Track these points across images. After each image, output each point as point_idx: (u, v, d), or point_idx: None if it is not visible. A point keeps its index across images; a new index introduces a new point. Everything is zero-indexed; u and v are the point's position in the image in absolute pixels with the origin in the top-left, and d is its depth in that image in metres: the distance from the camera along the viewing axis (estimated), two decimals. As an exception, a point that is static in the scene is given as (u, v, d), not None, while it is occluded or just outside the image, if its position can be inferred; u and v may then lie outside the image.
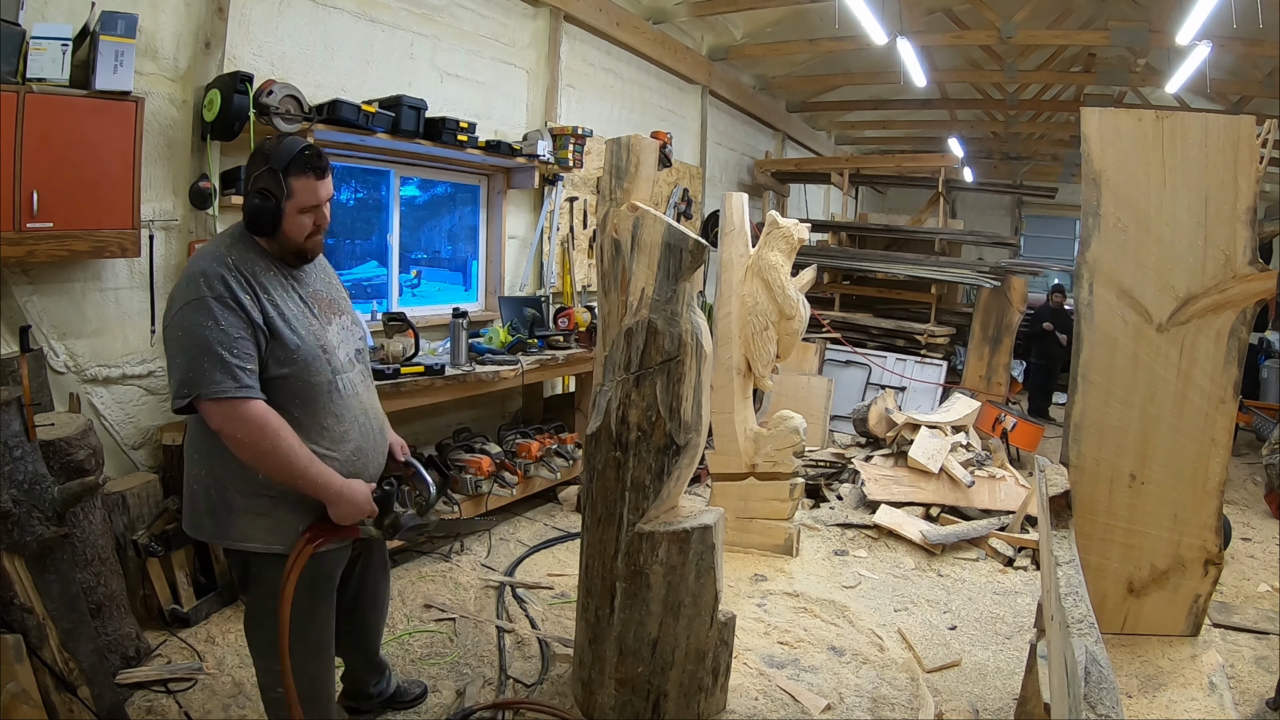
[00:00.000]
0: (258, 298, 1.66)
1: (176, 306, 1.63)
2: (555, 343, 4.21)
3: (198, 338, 1.58)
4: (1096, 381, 2.59)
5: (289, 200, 1.71)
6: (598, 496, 2.25)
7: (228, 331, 1.59)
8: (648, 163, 2.55)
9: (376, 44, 3.76)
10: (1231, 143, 2.44)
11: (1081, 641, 1.40)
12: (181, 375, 1.59)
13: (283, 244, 1.75)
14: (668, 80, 6.52)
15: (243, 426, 1.59)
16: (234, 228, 1.78)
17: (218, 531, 1.74)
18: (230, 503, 1.71)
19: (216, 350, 1.57)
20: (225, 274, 1.63)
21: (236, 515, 1.71)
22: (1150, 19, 6.08)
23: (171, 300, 1.67)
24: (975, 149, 11.59)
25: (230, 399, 1.57)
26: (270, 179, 1.70)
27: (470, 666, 2.63)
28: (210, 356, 1.57)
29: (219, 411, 1.58)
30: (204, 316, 1.59)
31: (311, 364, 1.71)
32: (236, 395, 1.58)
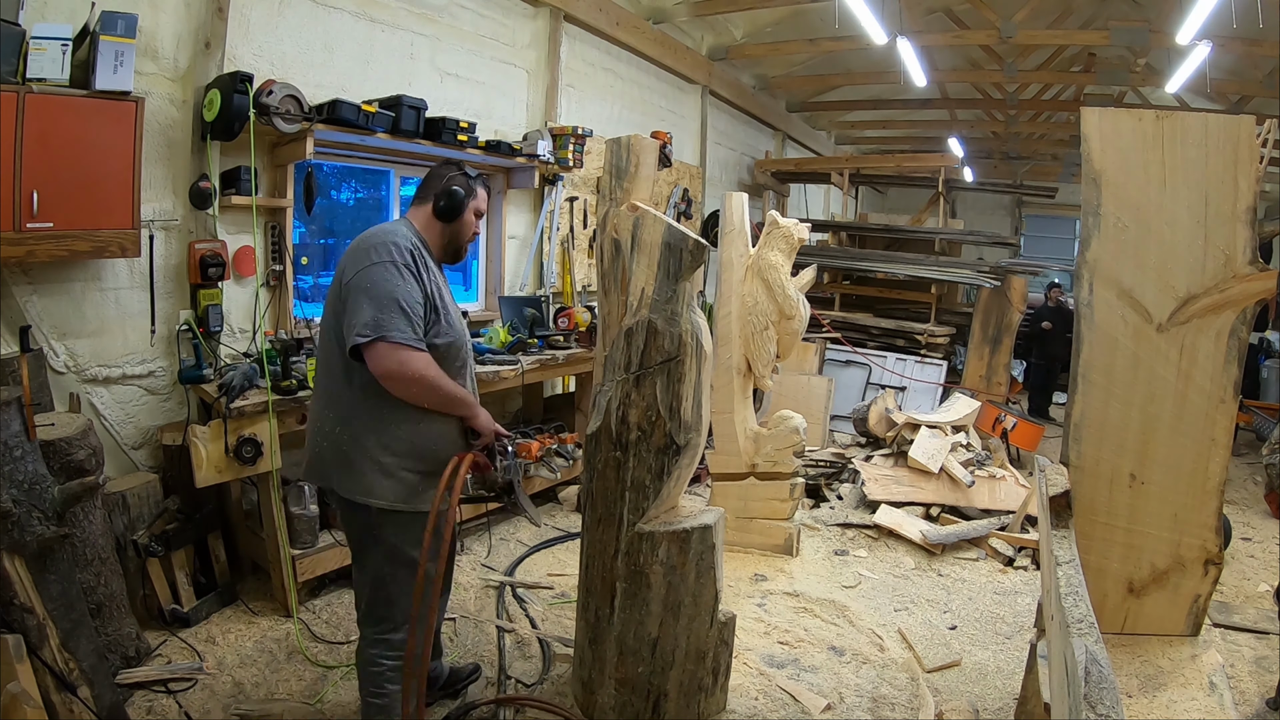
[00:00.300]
0: (432, 277, 1.94)
1: (367, 262, 1.85)
2: (555, 343, 4.21)
3: (388, 291, 1.82)
4: (1096, 381, 2.59)
5: (473, 200, 2.07)
6: (598, 496, 2.25)
7: (412, 294, 1.85)
8: (648, 163, 2.55)
9: (376, 44, 3.76)
10: (1231, 143, 2.44)
11: (1082, 641, 1.40)
12: (369, 318, 1.80)
13: (452, 235, 2.06)
14: (668, 80, 6.52)
15: (411, 368, 1.82)
16: (400, 222, 2.03)
17: (346, 484, 1.92)
18: (363, 459, 1.90)
19: (403, 304, 1.82)
20: (411, 250, 1.90)
21: (367, 471, 1.90)
22: (1150, 19, 6.08)
23: (359, 257, 1.88)
24: (975, 149, 11.59)
25: (409, 346, 1.82)
26: (464, 180, 2.06)
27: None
28: (397, 308, 1.81)
29: (397, 354, 1.80)
30: (395, 276, 1.84)
31: (460, 342, 2.02)
32: (415, 345, 1.83)
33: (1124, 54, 6.86)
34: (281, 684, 2.46)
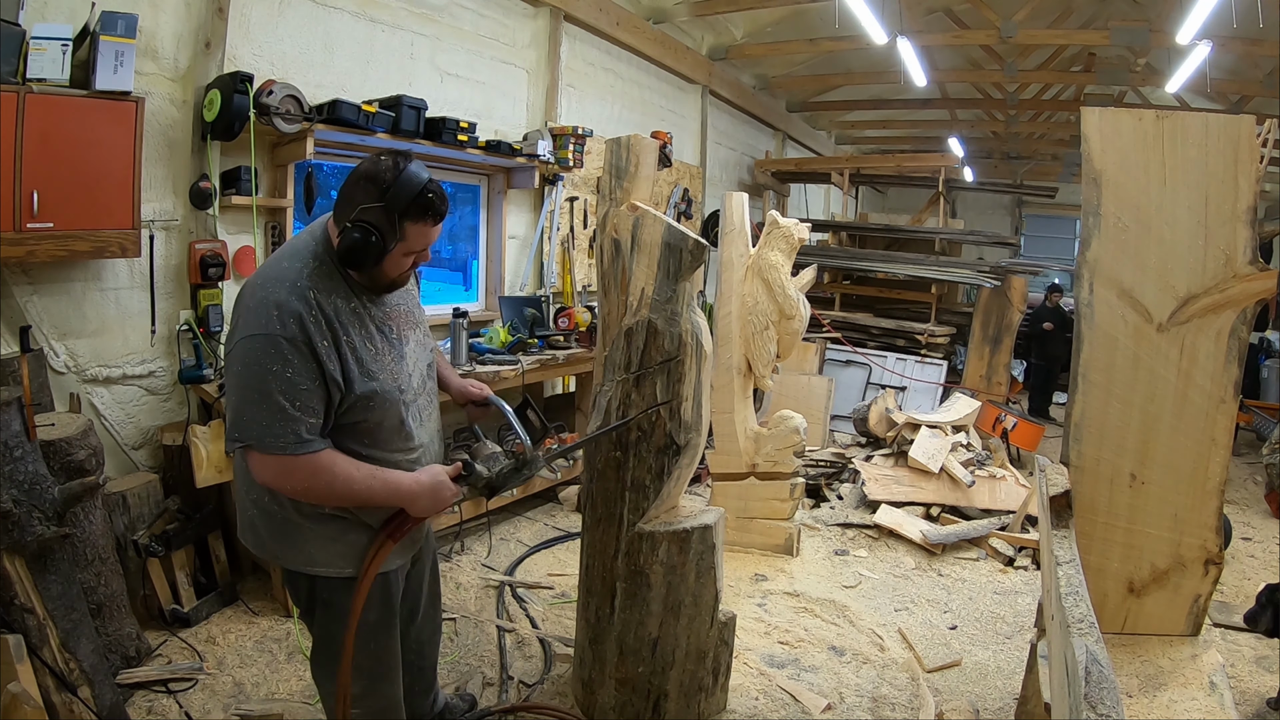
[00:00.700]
0: (337, 343, 1.48)
1: (241, 334, 1.45)
2: (555, 343, 4.21)
3: (260, 380, 1.41)
4: (1096, 381, 2.59)
5: (399, 244, 1.53)
6: (598, 496, 2.25)
7: (294, 380, 1.42)
8: (648, 162, 2.55)
9: (376, 44, 3.76)
10: (1232, 142, 2.44)
11: (1082, 641, 1.40)
12: (234, 417, 1.45)
13: (374, 278, 1.59)
14: (668, 80, 6.52)
15: (296, 480, 1.47)
16: (310, 243, 1.57)
17: (284, 554, 1.64)
18: (299, 526, 1.59)
19: (278, 400, 1.41)
20: (304, 312, 1.44)
21: (305, 540, 1.60)
22: (1150, 19, 6.07)
23: (236, 323, 1.48)
24: (975, 149, 11.59)
25: (284, 455, 1.43)
26: (382, 218, 1.49)
27: (471, 666, 2.63)
28: (269, 405, 1.41)
29: (268, 465, 1.45)
30: (270, 358, 1.41)
31: (387, 409, 1.58)
32: (292, 453, 1.43)
33: (1124, 54, 6.86)
34: (281, 684, 2.46)
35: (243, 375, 1.44)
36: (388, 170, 1.50)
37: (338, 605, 1.66)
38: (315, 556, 1.62)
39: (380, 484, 1.54)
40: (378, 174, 1.50)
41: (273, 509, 1.61)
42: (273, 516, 1.62)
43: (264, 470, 1.47)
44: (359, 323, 1.56)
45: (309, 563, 1.63)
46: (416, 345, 1.74)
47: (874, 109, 9.95)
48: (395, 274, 1.60)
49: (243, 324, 1.47)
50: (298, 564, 1.63)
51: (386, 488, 1.55)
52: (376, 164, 1.52)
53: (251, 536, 1.69)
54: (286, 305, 1.44)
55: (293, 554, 1.63)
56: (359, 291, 1.59)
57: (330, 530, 1.61)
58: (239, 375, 1.45)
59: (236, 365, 1.45)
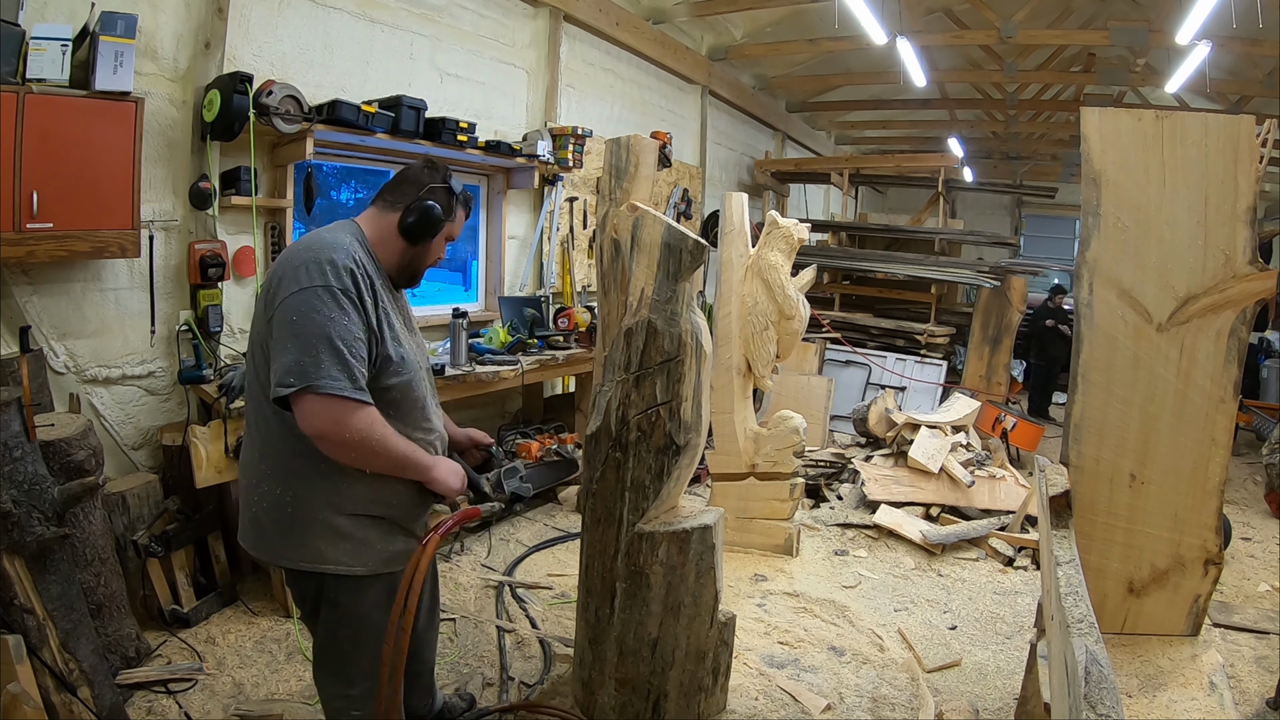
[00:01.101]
0: (377, 303, 1.59)
1: (295, 286, 1.49)
2: (555, 343, 4.21)
3: (319, 327, 1.46)
4: (1096, 381, 2.59)
5: (448, 222, 1.73)
6: (597, 497, 2.25)
7: (350, 329, 1.49)
8: (647, 163, 2.55)
9: (376, 44, 3.76)
10: (1231, 142, 2.44)
11: (1082, 641, 1.40)
12: (294, 362, 1.45)
13: (414, 259, 1.72)
14: (667, 80, 6.52)
15: (350, 428, 1.49)
16: (348, 228, 1.68)
17: (290, 552, 1.62)
18: (310, 522, 1.59)
19: (337, 345, 1.46)
20: (355, 269, 1.55)
21: (315, 536, 1.60)
22: (1150, 19, 6.08)
23: (289, 276, 1.51)
24: (975, 149, 11.60)
25: (344, 399, 1.46)
26: (445, 197, 1.72)
27: (471, 666, 2.63)
28: (330, 350, 1.46)
29: (328, 409, 1.46)
30: (329, 307, 1.48)
31: (412, 379, 1.67)
32: (352, 396, 1.47)
33: (1124, 54, 6.87)
34: (281, 684, 2.46)
35: (299, 324, 1.47)
36: (443, 167, 1.76)
37: (344, 605, 1.65)
38: (324, 553, 1.61)
39: (409, 449, 1.62)
40: (438, 167, 1.75)
41: (285, 501, 1.60)
42: (282, 510, 1.60)
43: (318, 415, 1.46)
44: (389, 296, 1.69)
45: (317, 559, 1.61)
46: (420, 347, 1.84)
47: (874, 109, 9.96)
48: (432, 259, 1.77)
49: (291, 280, 1.51)
50: (304, 561, 1.62)
51: (414, 453, 1.64)
52: (433, 161, 1.77)
53: (253, 536, 1.66)
54: (339, 262, 1.53)
55: (299, 551, 1.61)
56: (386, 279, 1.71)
57: (343, 526, 1.61)
58: (295, 324, 1.47)
59: (292, 315, 1.48)
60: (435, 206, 1.68)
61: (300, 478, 1.60)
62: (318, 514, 1.60)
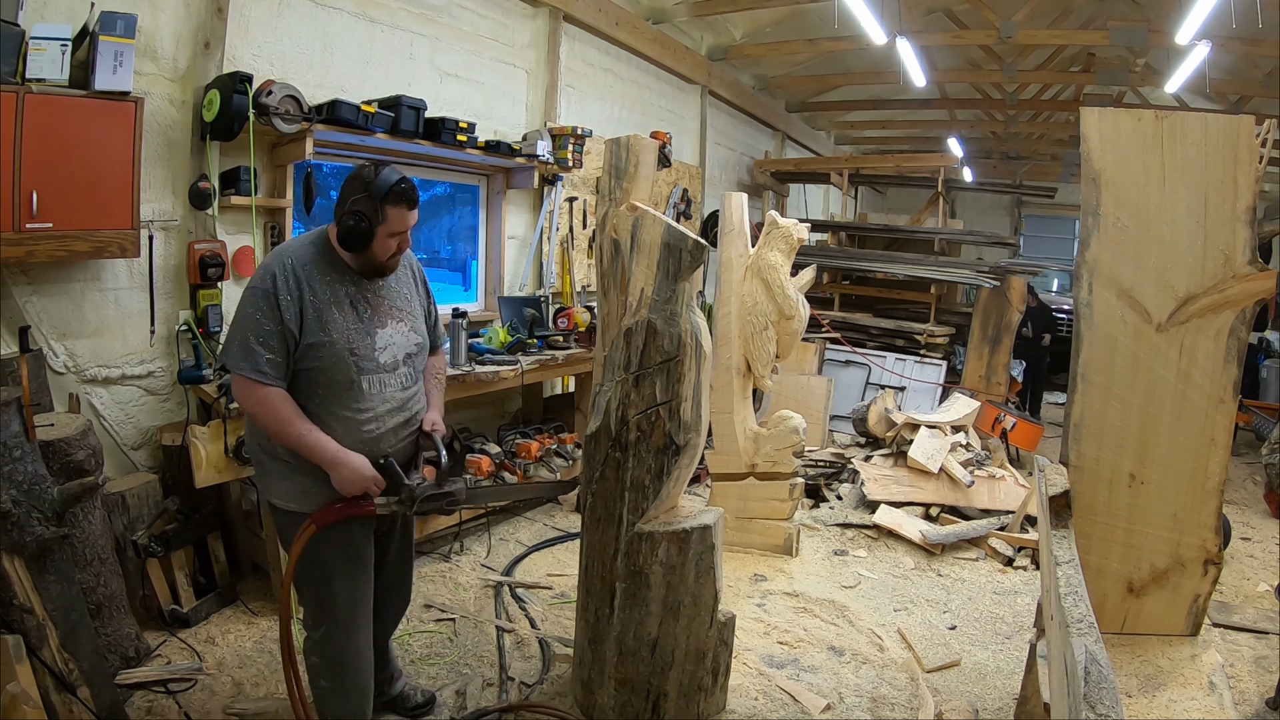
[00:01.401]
0: (300, 298, 1.82)
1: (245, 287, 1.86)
2: (555, 343, 4.21)
3: (239, 320, 1.82)
4: (1096, 381, 2.59)
5: (382, 225, 1.87)
6: (597, 496, 2.25)
7: (260, 321, 1.78)
8: (647, 163, 2.55)
9: (376, 44, 3.76)
10: (1231, 143, 2.44)
11: (1081, 641, 1.41)
12: (223, 347, 1.88)
13: (367, 260, 1.91)
14: (667, 80, 6.52)
15: (249, 401, 1.81)
16: (315, 232, 1.96)
17: (261, 483, 2.00)
18: (264, 462, 1.94)
19: (246, 334, 1.79)
20: (278, 272, 1.82)
21: (267, 474, 1.94)
22: (1150, 19, 6.07)
23: None
24: (975, 149, 11.59)
25: (244, 378, 1.79)
26: (368, 204, 1.85)
27: (470, 666, 2.63)
28: (241, 338, 1.79)
29: (238, 386, 1.82)
30: (249, 304, 1.80)
31: (335, 362, 1.85)
32: (250, 376, 1.78)
33: (1124, 54, 6.87)
34: (281, 684, 2.45)
35: (235, 316, 1.85)
36: (369, 171, 1.90)
37: (286, 536, 1.95)
38: (272, 489, 1.94)
39: (312, 438, 1.83)
40: (361, 174, 1.90)
41: (253, 442, 1.98)
42: (254, 451, 1.98)
43: (235, 389, 1.85)
44: (331, 292, 1.88)
45: (268, 493, 1.96)
46: (395, 333, 1.97)
47: (873, 109, 9.95)
48: (384, 256, 1.92)
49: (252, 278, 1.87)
50: (267, 495, 1.97)
51: (317, 443, 1.83)
52: (361, 168, 1.93)
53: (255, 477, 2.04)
54: (268, 267, 1.84)
55: (263, 485, 1.99)
56: (350, 274, 1.93)
57: (281, 469, 1.90)
58: (234, 317, 1.85)
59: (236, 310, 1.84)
60: (354, 222, 1.84)
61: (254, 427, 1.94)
62: (265, 457, 1.93)
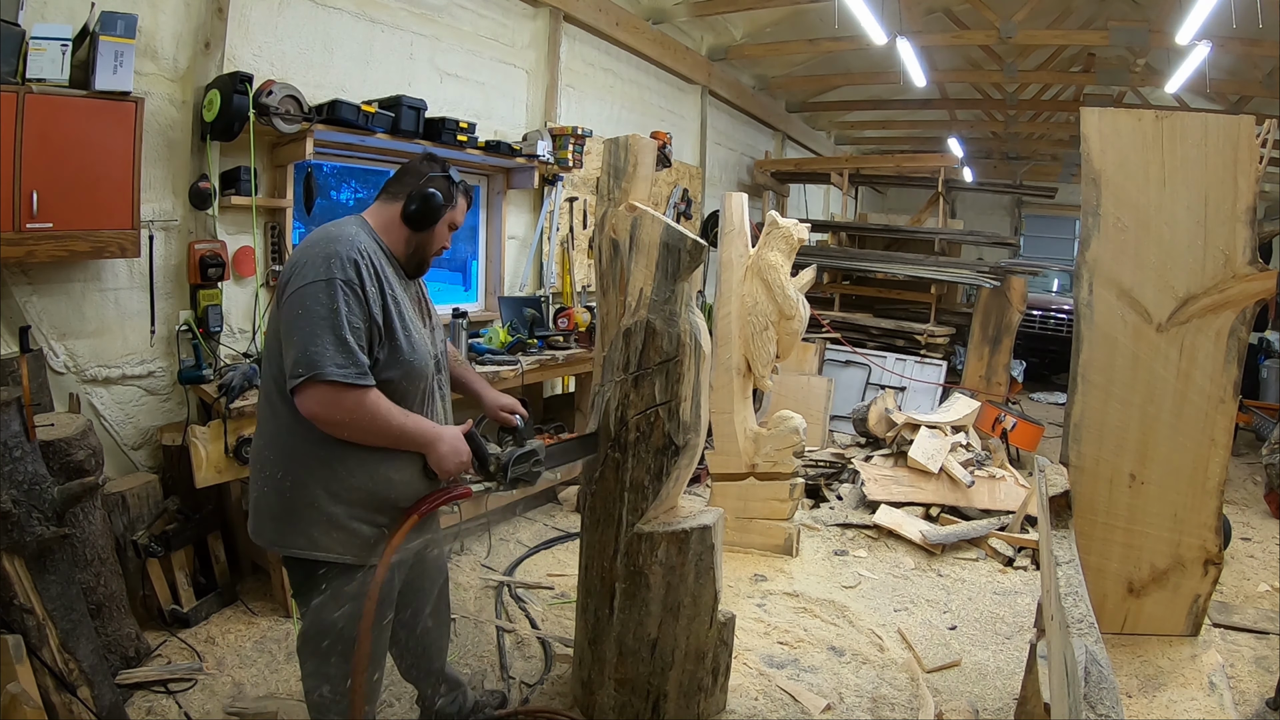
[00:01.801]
0: (381, 292, 1.64)
1: (302, 283, 1.57)
2: (555, 343, 4.21)
3: (322, 317, 1.54)
4: (1096, 381, 2.59)
5: (450, 209, 1.79)
6: (597, 497, 2.25)
7: (352, 319, 1.56)
8: (646, 163, 2.55)
9: (376, 44, 3.76)
10: (1231, 143, 2.44)
11: (1081, 641, 1.40)
12: (299, 353, 1.52)
13: (419, 246, 1.78)
14: (667, 80, 6.52)
15: (347, 410, 1.55)
16: (354, 220, 1.75)
17: (283, 538, 1.68)
18: (305, 507, 1.65)
19: (343, 334, 1.54)
20: (359, 260, 1.61)
21: (309, 522, 1.65)
22: (1150, 19, 6.07)
23: (294, 275, 1.59)
24: (975, 149, 11.59)
25: (347, 385, 1.53)
26: (445, 185, 1.78)
27: (470, 666, 2.63)
28: (333, 338, 1.53)
29: (326, 393, 1.52)
30: (330, 298, 1.55)
31: (418, 370, 1.71)
32: (356, 382, 1.54)
33: (1124, 54, 6.86)
34: (281, 684, 2.46)
35: (305, 317, 1.54)
36: (442, 159, 1.83)
37: (334, 591, 1.68)
38: (318, 541, 1.66)
39: (413, 422, 1.65)
40: (436, 157, 1.83)
41: (285, 485, 1.65)
42: (281, 494, 1.66)
43: (315, 399, 1.53)
44: (400, 283, 1.74)
45: (311, 546, 1.66)
46: (435, 337, 1.87)
47: (873, 109, 9.95)
48: (437, 245, 1.82)
49: (299, 274, 1.58)
50: (299, 548, 1.67)
51: (417, 425, 1.66)
52: (432, 154, 1.85)
53: (254, 522, 1.73)
54: (343, 254, 1.59)
55: (295, 537, 1.67)
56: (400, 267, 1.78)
57: (337, 514, 1.65)
58: (301, 317, 1.55)
59: (298, 309, 1.55)
60: (436, 194, 1.74)
61: (300, 462, 1.65)
62: (314, 499, 1.64)
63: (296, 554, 1.68)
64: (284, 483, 1.65)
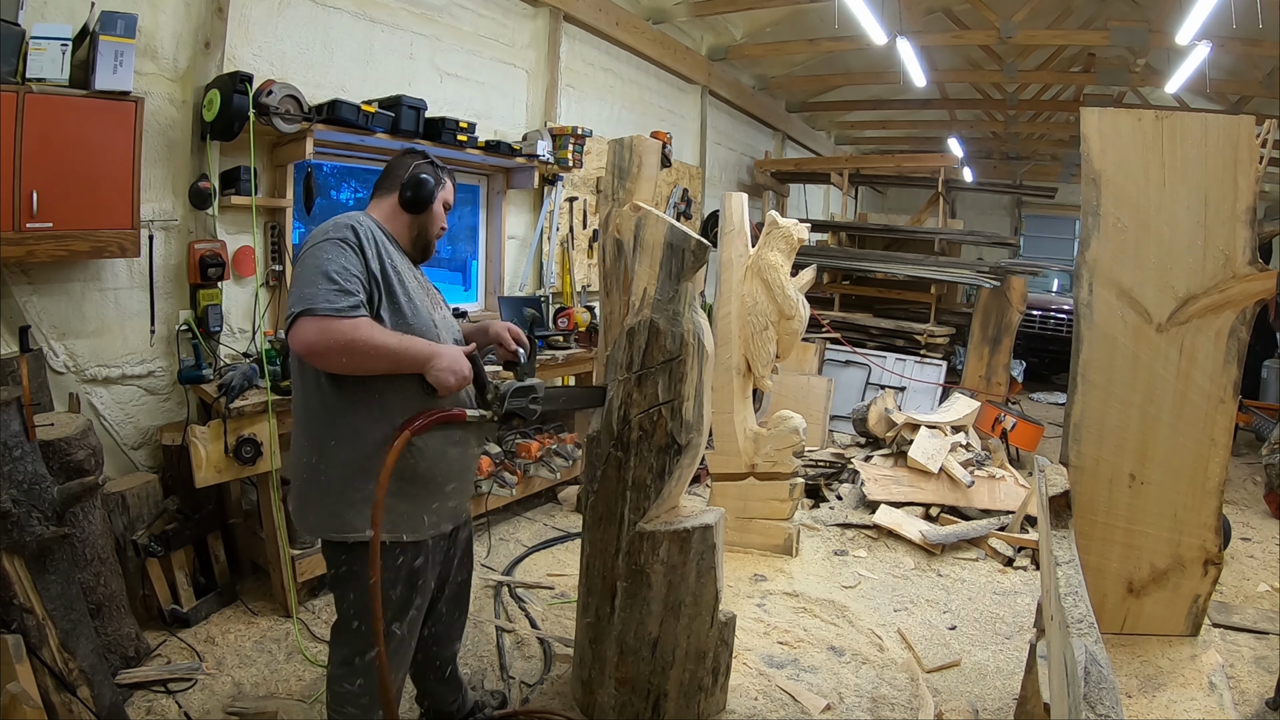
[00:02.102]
0: (379, 255, 1.73)
1: (302, 252, 1.70)
2: (555, 343, 4.21)
3: (317, 267, 1.63)
4: (1096, 381, 2.59)
5: (441, 189, 1.91)
6: (599, 496, 2.25)
7: (345, 265, 1.64)
8: (650, 163, 2.55)
9: (376, 44, 3.76)
10: (1231, 143, 2.44)
11: (1081, 641, 1.40)
12: (295, 297, 1.62)
13: (421, 228, 1.89)
14: (667, 80, 6.52)
15: (334, 336, 1.58)
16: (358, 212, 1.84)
17: (324, 523, 1.73)
18: (338, 489, 1.70)
19: (331, 275, 1.61)
20: (358, 228, 1.71)
21: (345, 505, 1.70)
22: (1150, 19, 6.07)
23: (307, 243, 1.71)
24: (975, 149, 11.59)
25: (326, 318, 1.57)
26: (431, 169, 1.90)
27: (470, 666, 2.63)
28: (326, 280, 1.61)
29: (316, 324, 1.57)
30: (326, 252, 1.65)
31: (424, 331, 1.75)
32: (340, 314, 1.59)
33: (1124, 54, 6.87)
34: (281, 684, 2.46)
35: (303, 268, 1.65)
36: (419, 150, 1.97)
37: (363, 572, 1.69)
38: (353, 523, 1.70)
39: (408, 341, 1.68)
40: (416, 150, 1.97)
41: (317, 466, 1.72)
42: (315, 476, 1.72)
43: (310, 330, 1.58)
44: (404, 260, 1.84)
45: (347, 529, 1.71)
46: (443, 320, 1.91)
47: (873, 109, 9.95)
48: (435, 225, 1.92)
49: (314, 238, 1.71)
50: (336, 531, 1.72)
51: (411, 343, 1.68)
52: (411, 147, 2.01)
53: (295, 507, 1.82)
54: (342, 223, 1.72)
55: (332, 521, 1.72)
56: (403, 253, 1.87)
57: (369, 493, 1.67)
58: (300, 271, 1.66)
59: (300, 267, 1.67)
60: (427, 177, 1.87)
61: (330, 441, 1.71)
62: (347, 478, 1.70)
63: (333, 538, 1.73)
64: (316, 464, 1.72)
